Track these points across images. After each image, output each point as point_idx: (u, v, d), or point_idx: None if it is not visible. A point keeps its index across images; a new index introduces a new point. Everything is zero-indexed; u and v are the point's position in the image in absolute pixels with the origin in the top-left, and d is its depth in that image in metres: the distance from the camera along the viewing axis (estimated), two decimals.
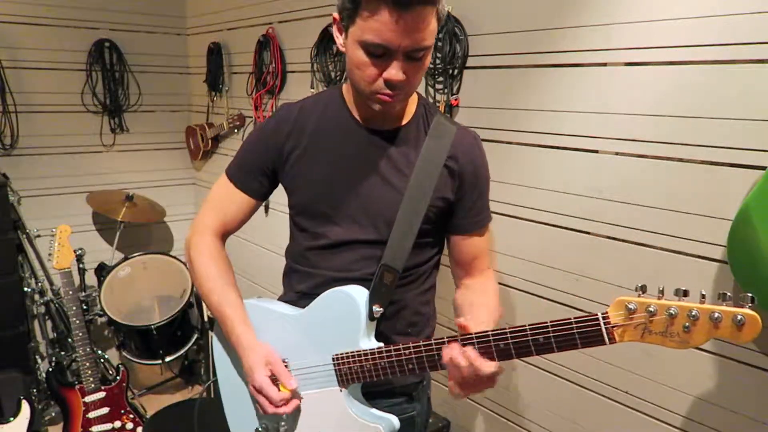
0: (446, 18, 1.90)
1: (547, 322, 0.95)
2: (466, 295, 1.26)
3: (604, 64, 1.57)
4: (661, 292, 0.85)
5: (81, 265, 2.91)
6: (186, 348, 2.94)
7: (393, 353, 1.09)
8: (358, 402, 1.17)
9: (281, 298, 1.34)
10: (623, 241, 1.59)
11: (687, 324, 0.82)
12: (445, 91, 1.96)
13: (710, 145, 1.38)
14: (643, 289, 0.87)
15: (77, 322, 2.41)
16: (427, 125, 1.22)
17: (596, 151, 1.62)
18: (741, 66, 1.31)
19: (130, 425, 2.49)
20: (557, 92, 1.69)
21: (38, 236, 2.98)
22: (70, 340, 2.85)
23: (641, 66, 1.49)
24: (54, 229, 2.48)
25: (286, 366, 1.19)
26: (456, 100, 1.94)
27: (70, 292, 2.42)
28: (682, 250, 1.47)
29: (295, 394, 1.15)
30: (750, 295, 0.78)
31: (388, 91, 1.08)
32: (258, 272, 3.14)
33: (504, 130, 1.85)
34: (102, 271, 3.04)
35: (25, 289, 2.87)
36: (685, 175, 1.44)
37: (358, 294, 1.14)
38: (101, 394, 2.45)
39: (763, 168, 1.29)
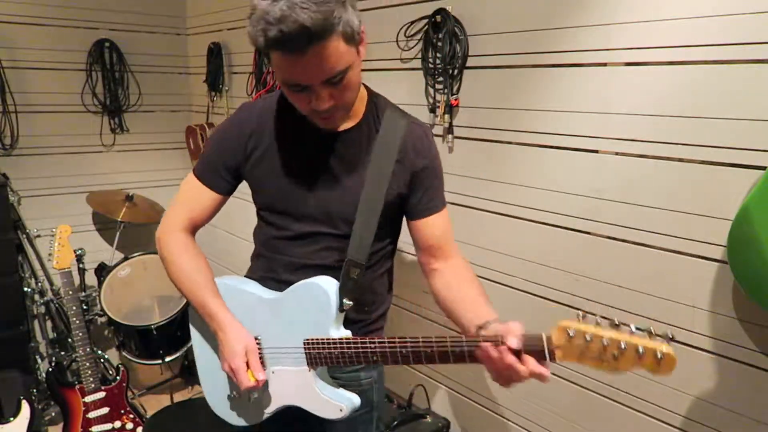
0: (446, 18, 1.90)
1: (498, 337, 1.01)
2: (452, 287, 1.28)
3: (604, 64, 1.57)
4: (598, 322, 0.95)
5: (81, 265, 2.90)
6: (186, 348, 2.94)
7: (359, 345, 1.16)
8: (324, 382, 1.27)
9: (249, 276, 1.43)
10: (623, 241, 1.59)
11: (616, 353, 0.92)
12: (445, 91, 1.96)
13: (710, 145, 1.38)
14: (584, 316, 0.96)
15: (77, 322, 2.41)
16: (378, 122, 1.27)
17: (596, 151, 1.62)
18: (741, 66, 1.31)
19: (130, 425, 2.49)
20: (557, 92, 1.69)
21: (38, 236, 2.98)
22: (70, 340, 2.85)
23: (641, 66, 1.49)
24: (54, 229, 2.48)
25: (258, 343, 1.28)
26: (456, 100, 1.94)
27: (70, 292, 2.42)
28: (682, 250, 1.47)
29: (280, 360, 1.26)
30: (670, 334, 0.90)
31: (322, 115, 1.13)
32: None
33: (504, 130, 1.85)
34: (102, 271, 3.04)
35: (25, 289, 2.86)
36: (685, 175, 1.44)
37: (330, 286, 1.23)
38: (101, 394, 2.45)
39: (763, 168, 1.29)
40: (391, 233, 1.37)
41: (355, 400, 1.26)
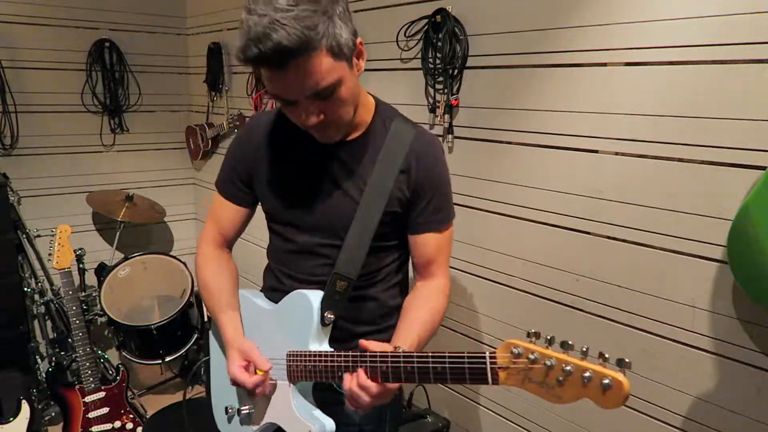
0: (446, 18, 1.90)
1: (445, 353, 0.97)
2: (408, 301, 1.30)
3: (604, 64, 1.57)
4: (549, 341, 0.84)
5: (81, 265, 2.91)
6: (186, 348, 2.94)
7: (334, 360, 1.14)
8: (302, 398, 1.24)
9: (263, 290, 1.44)
10: (623, 241, 1.59)
11: (561, 378, 0.81)
12: (445, 91, 1.96)
13: (710, 145, 1.38)
14: (536, 335, 0.85)
15: (77, 322, 2.41)
16: (385, 132, 1.23)
17: (596, 151, 1.62)
18: (741, 66, 1.31)
19: (130, 425, 2.49)
20: (557, 92, 1.69)
21: (38, 236, 2.98)
22: (70, 340, 2.85)
23: (641, 66, 1.49)
24: (54, 229, 2.48)
25: None
26: (456, 100, 1.94)
27: (70, 292, 2.42)
28: (682, 250, 1.47)
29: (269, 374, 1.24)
30: (628, 360, 0.76)
31: (316, 129, 1.12)
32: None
33: (504, 130, 1.85)
34: (102, 271, 3.04)
35: (25, 289, 2.87)
36: (685, 175, 1.44)
37: (314, 299, 1.21)
38: (101, 394, 2.45)
39: (763, 168, 1.28)
40: (397, 247, 1.32)
41: (328, 424, 1.20)
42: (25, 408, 2.35)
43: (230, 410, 1.36)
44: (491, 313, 1.99)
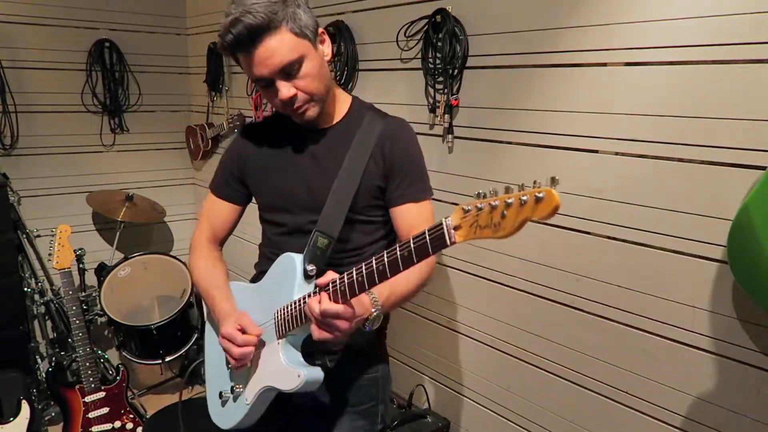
0: (446, 18, 1.90)
1: (408, 240, 1.01)
2: None
3: (604, 64, 1.57)
4: (494, 192, 0.92)
5: (81, 265, 2.91)
6: (186, 348, 2.94)
7: (305, 300, 1.19)
8: (292, 350, 1.28)
9: (252, 279, 1.52)
10: (623, 241, 1.59)
11: (504, 212, 0.89)
12: (445, 91, 1.95)
13: (710, 145, 1.38)
14: (483, 195, 0.93)
15: (77, 322, 2.41)
16: (360, 121, 1.37)
17: (596, 151, 1.62)
18: (741, 66, 1.31)
19: (130, 425, 2.49)
20: (557, 92, 1.69)
21: (38, 236, 2.98)
22: (70, 340, 2.85)
23: (641, 66, 1.49)
24: (54, 229, 2.48)
25: None
26: (456, 100, 1.94)
27: (70, 292, 2.42)
28: (682, 250, 1.47)
29: (259, 341, 1.29)
30: (557, 177, 0.87)
31: (293, 107, 1.27)
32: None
33: (504, 130, 1.85)
34: (102, 271, 3.04)
35: (25, 289, 2.87)
36: (685, 175, 1.44)
37: (296, 256, 1.30)
38: (101, 394, 2.45)
39: (763, 168, 1.28)
40: (383, 224, 1.41)
41: (316, 372, 1.23)
42: (25, 408, 2.36)
43: (224, 395, 1.41)
44: (491, 313, 1.99)
